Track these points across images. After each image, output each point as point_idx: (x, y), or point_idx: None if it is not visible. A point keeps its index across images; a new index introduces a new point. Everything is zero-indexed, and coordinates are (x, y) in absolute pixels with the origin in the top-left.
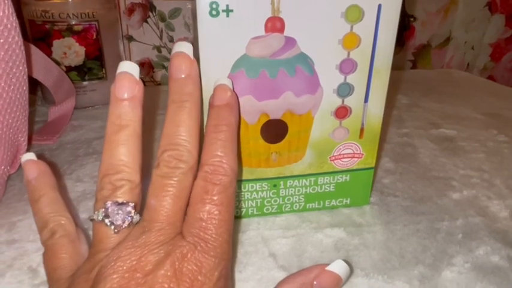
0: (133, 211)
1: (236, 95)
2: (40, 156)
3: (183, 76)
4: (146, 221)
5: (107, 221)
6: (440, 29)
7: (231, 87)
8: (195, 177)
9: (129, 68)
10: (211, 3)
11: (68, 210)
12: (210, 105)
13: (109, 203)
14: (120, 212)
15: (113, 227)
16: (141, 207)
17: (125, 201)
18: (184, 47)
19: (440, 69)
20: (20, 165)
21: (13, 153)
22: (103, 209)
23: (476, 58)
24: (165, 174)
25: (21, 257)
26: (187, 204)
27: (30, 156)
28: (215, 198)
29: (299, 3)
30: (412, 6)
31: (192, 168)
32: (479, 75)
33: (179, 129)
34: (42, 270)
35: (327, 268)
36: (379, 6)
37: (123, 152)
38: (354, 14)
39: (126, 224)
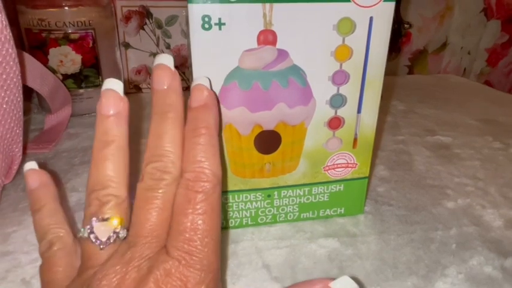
0: (119, 226)
1: (214, 93)
2: (42, 165)
3: (165, 87)
4: (132, 236)
5: (92, 237)
6: (436, 34)
7: (208, 85)
8: None
9: (113, 85)
10: (203, 17)
11: (67, 221)
12: (188, 107)
13: (94, 219)
14: (104, 227)
15: (98, 242)
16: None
17: (109, 217)
18: (165, 59)
19: (437, 75)
20: (15, 176)
21: (8, 164)
22: (88, 226)
23: (473, 63)
24: (149, 186)
25: (14, 269)
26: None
27: (32, 165)
28: (198, 207)
29: (291, 16)
30: (408, 12)
31: (177, 179)
32: (476, 80)
33: (162, 141)
34: (35, 283)
35: (331, 284)
36: (371, 18)
37: (109, 167)
38: (345, 27)
39: (111, 240)
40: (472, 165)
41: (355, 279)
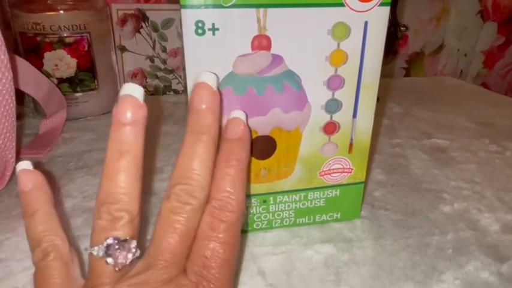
0: (135, 249)
1: (249, 128)
2: (37, 165)
3: (203, 107)
4: (151, 257)
5: (108, 259)
6: (433, 36)
7: (244, 120)
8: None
9: (132, 90)
10: (197, 22)
11: (63, 228)
12: (222, 138)
13: (110, 240)
14: (122, 250)
15: (113, 265)
16: (140, 235)
17: (127, 238)
18: (208, 78)
19: (433, 77)
20: (8, 182)
21: (0, 170)
22: (103, 245)
23: (470, 65)
24: (174, 209)
25: (7, 277)
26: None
27: (26, 165)
28: (220, 236)
29: (285, 21)
30: (405, 14)
31: (203, 205)
32: (472, 82)
33: (193, 163)
34: None
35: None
36: (366, 23)
37: (123, 179)
38: (340, 31)
39: (128, 262)
40: (468, 169)
41: None
